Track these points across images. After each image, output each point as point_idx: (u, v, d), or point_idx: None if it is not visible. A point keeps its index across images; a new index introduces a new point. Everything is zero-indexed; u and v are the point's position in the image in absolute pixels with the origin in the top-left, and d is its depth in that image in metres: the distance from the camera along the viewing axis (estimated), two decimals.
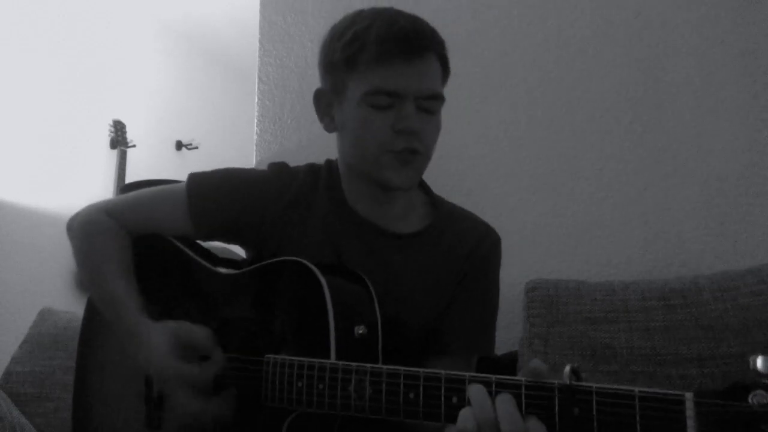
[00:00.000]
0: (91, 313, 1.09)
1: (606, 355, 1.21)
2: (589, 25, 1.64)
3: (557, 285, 1.34)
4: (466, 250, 1.05)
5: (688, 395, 0.56)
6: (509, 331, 1.38)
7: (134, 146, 3.47)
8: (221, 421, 0.87)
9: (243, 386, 0.88)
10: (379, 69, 0.91)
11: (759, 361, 0.53)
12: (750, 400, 0.53)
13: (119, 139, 3.42)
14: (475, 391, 0.66)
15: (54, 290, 3.03)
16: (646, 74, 1.58)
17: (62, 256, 3.06)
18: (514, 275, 1.35)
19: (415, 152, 0.94)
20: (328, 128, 1.03)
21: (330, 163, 1.09)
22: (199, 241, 1.09)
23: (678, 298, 1.23)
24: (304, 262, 0.88)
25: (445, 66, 0.99)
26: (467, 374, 0.69)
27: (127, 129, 3.49)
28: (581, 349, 1.23)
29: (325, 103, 1.02)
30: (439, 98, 0.96)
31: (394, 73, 0.91)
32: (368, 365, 0.76)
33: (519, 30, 1.69)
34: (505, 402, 0.64)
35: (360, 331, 0.84)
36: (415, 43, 0.92)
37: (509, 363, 1.30)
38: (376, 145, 0.94)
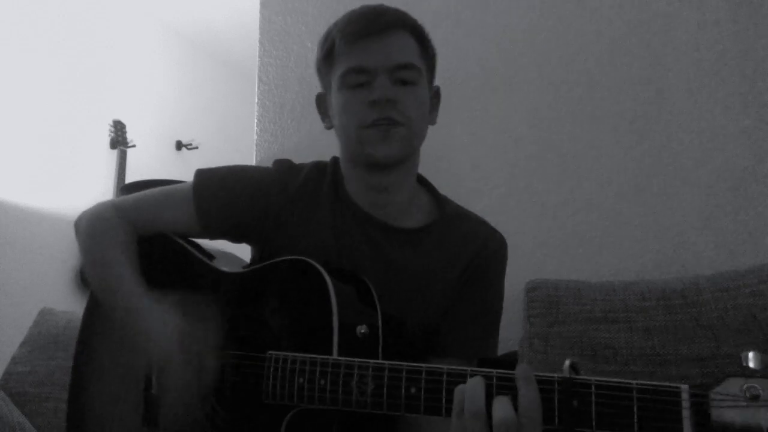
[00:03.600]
0: (92, 309, 1.09)
1: (606, 355, 1.21)
2: (589, 26, 1.64)
3: (557, 285, 1.34)
4: (470, 251, 1.05)
5: (684, 387, 0.59)
6: (509, 331, 1.38)
7: (134, 146, 3.47)
8: (220, 418, 0.87)
9: (243, 383, 0.88)
10: (347, 51, 0.98)
11: (750, 357, 0.57)
12: (743, 392, 0.56)
13: (119, 139, 3.42)
14: (471, 383, 0.69)
15: (54, 290, 3.03)
16: (646, 74, 1.58)
17: (62, 256, 3.06)
18: (514, 275, 1.35)
19: (392, 122, 0.95)
20: (328, 126, 1.09)
21: (335, 160, 1.10)
22: (202, 243, 1.09)
23: (678, 298, 1.23)
24: (310, 261, 0.89)
25: (423, 42, 1.02)
26: (469, 369, 0.70)
27: (127, 129, 3.49)
28: (581, 349, 1.23)
29: (323, 105, 1.09)
30: (412, 67, 0.98)
31: (360, 51, 0.97)
32: (371, 361, 0.77)
33: (519, 30, 1.69)
34: (472, 384, 0.68)
35: (362, 331, 0.85)
36: (376, 22, 0.98)
37: (509, 363, 1.29)
38: (356, 123, 0.97)
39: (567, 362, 0.64)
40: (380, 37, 0.97)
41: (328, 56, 1.02)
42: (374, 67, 0.96)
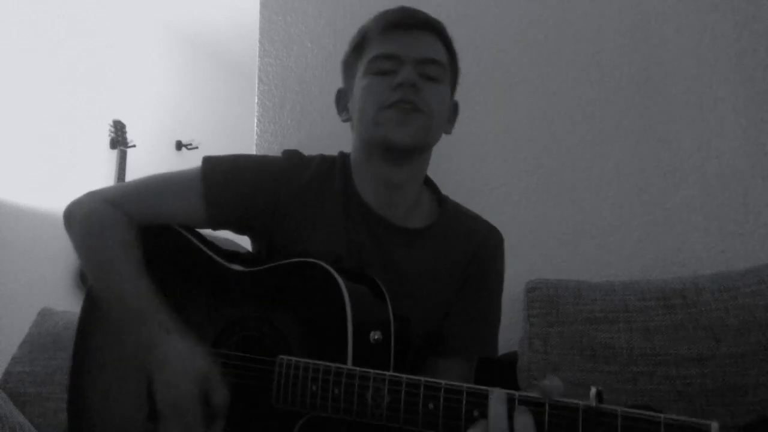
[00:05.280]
0: (90, 305, 1.05)
1: (606, 355, 1.21)
2: (589, 25, 1.64)
3: (557, 285, 1.34)
4: (470, 249, 1.05)
5: (714, 425, 0.57)
6: (509, 331, 1.38)
7: (134, 146, 3.47)
8: (229, 422, 0.86)
9: (253, 386, 0.86)
10: (380, 38, 1.00)
11: None
12: None
13: (119, 139, 3.42)
14: (494, 402, 0.66)
15: (54, 290, 3.03)
16: (646, 74, 1.58)
17: (62, 256, 3.06)
18: (514, 275, 1.35)
19: (414, 106, 0.95)
20: (345, 119, 1.09)
21: (343, 155, 1.09)
22: (203, 233, 1.05)
23: (678, 298, 1.23)
24: (324, 264, 0.87)
25: (452, 54, 1.05)
26: (489, 389, 0.68)
27: (127, 129, 3.49)
28: (581, 349, 1.23)
29: (343, 99, 1.09)
30: (440, 65, 1.00)
31: (392, 39, 0.99)
32: (387, 373, 0.75)
33: (519, 30, 1.69)
34: (522, 415, 0.64)
35: (375, 337, 0.84)
36: (413, 17, 1.01)
37: (509, 363, 1.30)
38: (377, 105, 0.97)
39: (593, 390, 0.63)
40: (414, 31, 1.00)
41: (358, 46, 1.03)
42: (403, 55, 0.97)
